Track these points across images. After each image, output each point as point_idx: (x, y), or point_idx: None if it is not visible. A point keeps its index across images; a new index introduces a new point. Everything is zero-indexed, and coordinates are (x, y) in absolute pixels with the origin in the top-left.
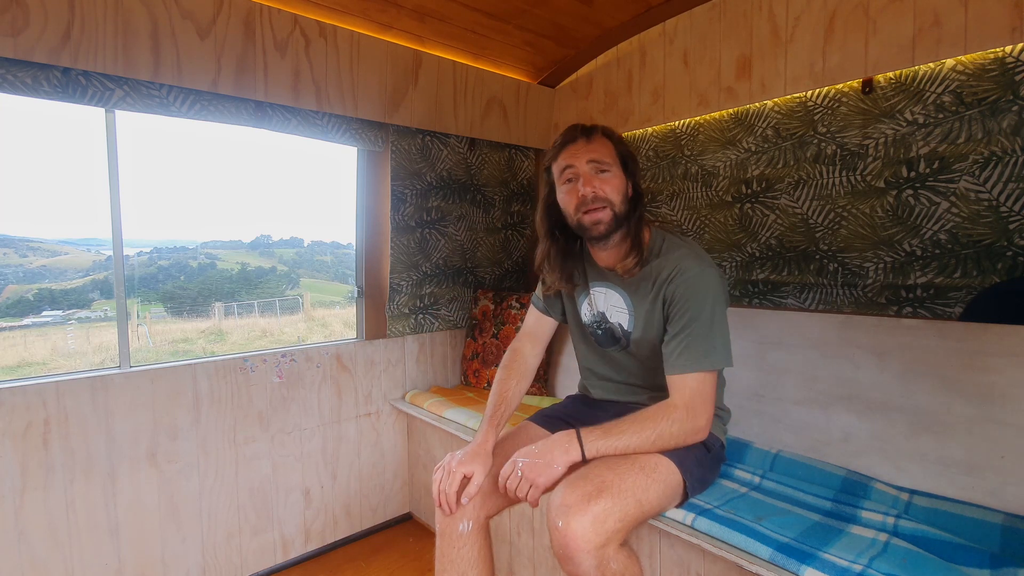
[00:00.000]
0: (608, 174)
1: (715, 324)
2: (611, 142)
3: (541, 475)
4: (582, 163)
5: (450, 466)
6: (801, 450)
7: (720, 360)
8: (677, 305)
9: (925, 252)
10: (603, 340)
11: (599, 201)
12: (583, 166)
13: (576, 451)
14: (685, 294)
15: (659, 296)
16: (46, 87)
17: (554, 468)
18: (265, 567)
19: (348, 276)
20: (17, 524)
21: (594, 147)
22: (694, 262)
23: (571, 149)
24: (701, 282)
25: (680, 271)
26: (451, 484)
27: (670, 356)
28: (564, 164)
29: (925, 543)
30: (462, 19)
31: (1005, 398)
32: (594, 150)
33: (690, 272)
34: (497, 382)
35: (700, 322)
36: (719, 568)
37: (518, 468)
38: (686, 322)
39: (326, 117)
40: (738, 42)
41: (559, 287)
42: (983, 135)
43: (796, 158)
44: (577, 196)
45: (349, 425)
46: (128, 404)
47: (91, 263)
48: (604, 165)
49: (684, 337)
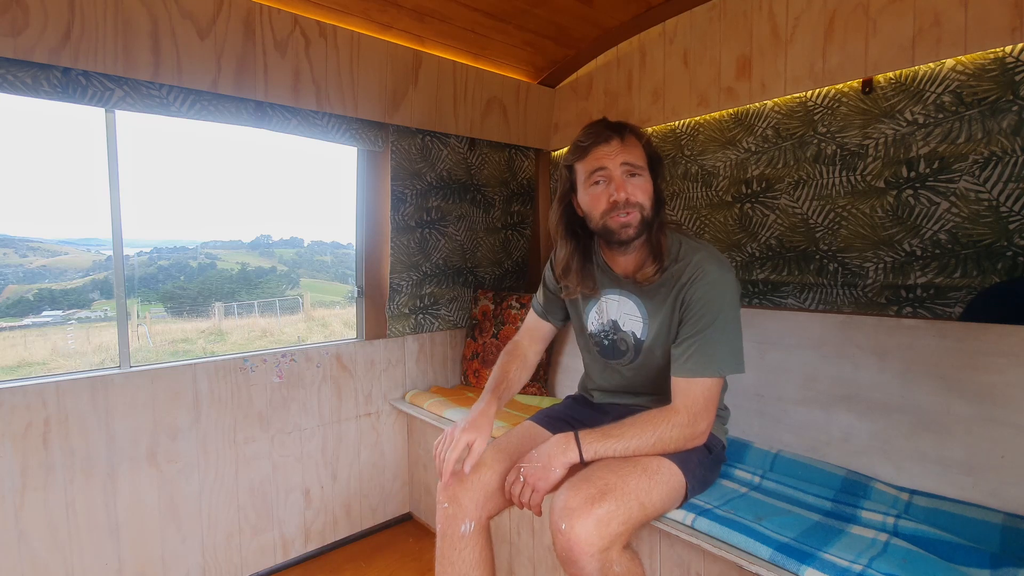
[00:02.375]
0: (640, 178)
1: (728, 330)
2: (640, 142)
3: (540, 479)
4: (616, 165)
5: (452, 434)
6: (801, 450)
7: (729, 367)
8: (693, 309)
9: (925, 252)
10: (608, 352)
11: (630, 206)
12: (616, 169)
13: (574, 453)
14: (703, 298)
15: (677, 300)
16: (46, 87)
17: (553, 472)
18: (265, 567)
19: (348, 276)
20: (17, 524)
21: (628, 149)
22: (714, 266)
23: (604, 150)
24: (719, 288)
25: (700, 275)
26: (452, 450)
27: (679, 359)
28: (596, 165)
29: (925, 543)
30: (462, 19)
31: (1005, 398)
32: (628, 152)
33: (710, 276)
34: (498, 365)
35: (714, 328)
36: (719, 568)
37: (521, 474)
38: (701, 327)
39: (326, 117)
40: (738, 42)
41: (578, 290)
42: (983, 135)
43: (796, 158)
44: (608, 200)
45: (349, 425)
46: (128, 404)
47: (91, 263)
48: (636, 168)
49: (696, 341)
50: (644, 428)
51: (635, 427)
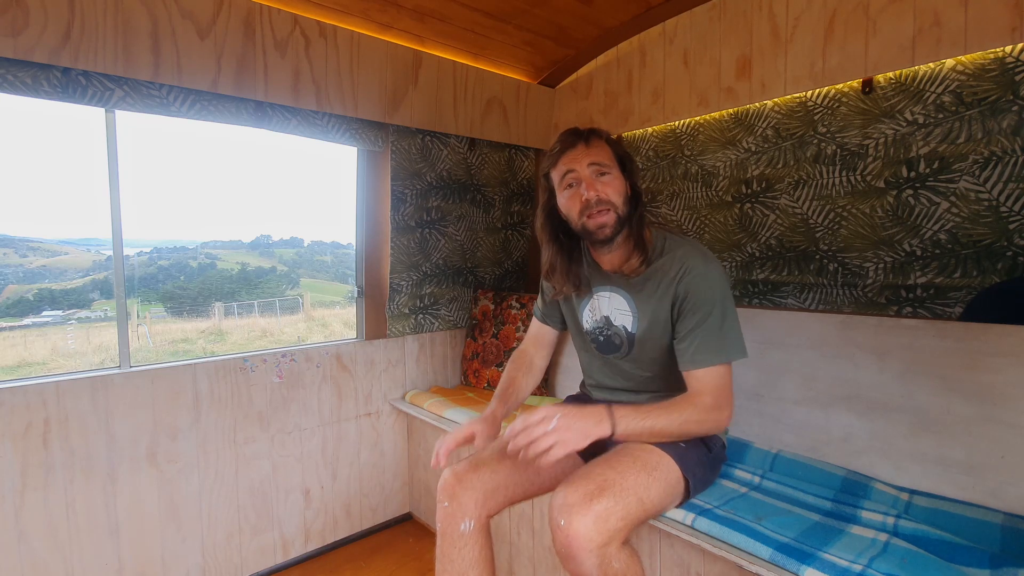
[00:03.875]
0: (609, 176)
1: (726, 317)
2: (608, 144)
3: (570, 440)
4: (583, 167)
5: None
6: (801, 450)
7: (735, 352)
8: (688, 303)
9: (925, 252)
10: (604, 347)
11: (602, 204)
12: (584, 170)
13: (607, 426)
14: (695, 291)
15: (667, 295)
16: (46, 87)
17: (584, 436)
18: (265, 567)
19: (348, 276)
20: (17, 524)
21: (593, 150)
22: (699, 258)
23: (571, 154)
24: (708, 277)
25: (688, 269)
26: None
27: (685, 353)
28: (565, 169)
29: (925, 543)
30: (462, 19)
31: (1005, 398)
32: (594, 153)
33: (697, 269)
34: (506, 373)
35: (713, 317)
36: (719, 568)
37: (554, 420)
38: (700, 318)
39: (326, 117)
40: (738, 42)
41: (566, 291)
42: (983, 135)
43: (796, 158)
44: (580, 201)
45: (349, 425)
46: (128, 404)
47: (91, 263)
48: (604, 168)
49: (699, 333)
50: (672, 409)
51: (664, 408)
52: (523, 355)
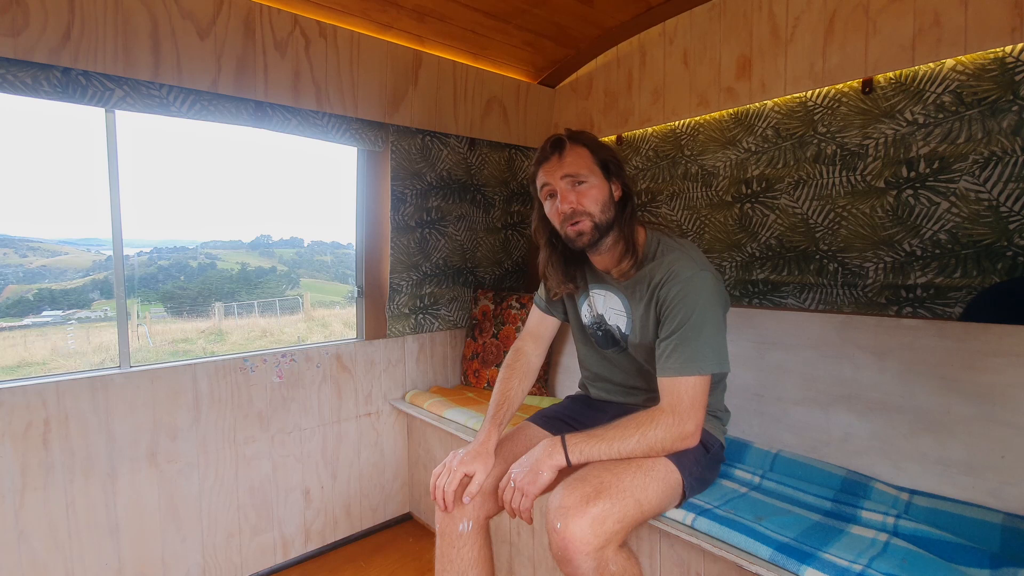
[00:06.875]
0: (585, 185)
1: (705, 328)
2: (588, 150)
3: (529, 484)
4: (556, 179)
5: (451, 465)
6: (801, 450)
7: (709, 365)
8: (668, 309)
9: (925, 252)
10: (602, 341)
11: (577, 215)
12: (558, 182)
13: (560, 457)
14: (676, 298)
15: (652, 299)
16: (46, 87)
17: (541, 476)
18: (265, 567)
19: (348, 276)
20: (17, 524)
21: (567, 162)
22: (687, 265)
23: (546, 167)
24: (692, 286)
25: (672, 275)
26: (450, 482)
27: (659, 359)
28: (542, 182)
29: (925, 543)
30: (462, 19)
31: (1005, 398)
32: (567, 165)
33: (682, 276)
34: (500, 381)
35: (689, 326)
36: (719, 568)
37: (511, 479)
38: (675, 326)
39: (326, 117)
40: (738, 42)
41: (562, 291)
42: (983, 135)
43: (796, 158)
44: (558, 212)
45: (349, 425)
46: (128, 404)
47: (91, 263)
48: (580, 177)
49: (673, 341)
50: (628, 429)
51: (620, 428)
52: (519, 355)
